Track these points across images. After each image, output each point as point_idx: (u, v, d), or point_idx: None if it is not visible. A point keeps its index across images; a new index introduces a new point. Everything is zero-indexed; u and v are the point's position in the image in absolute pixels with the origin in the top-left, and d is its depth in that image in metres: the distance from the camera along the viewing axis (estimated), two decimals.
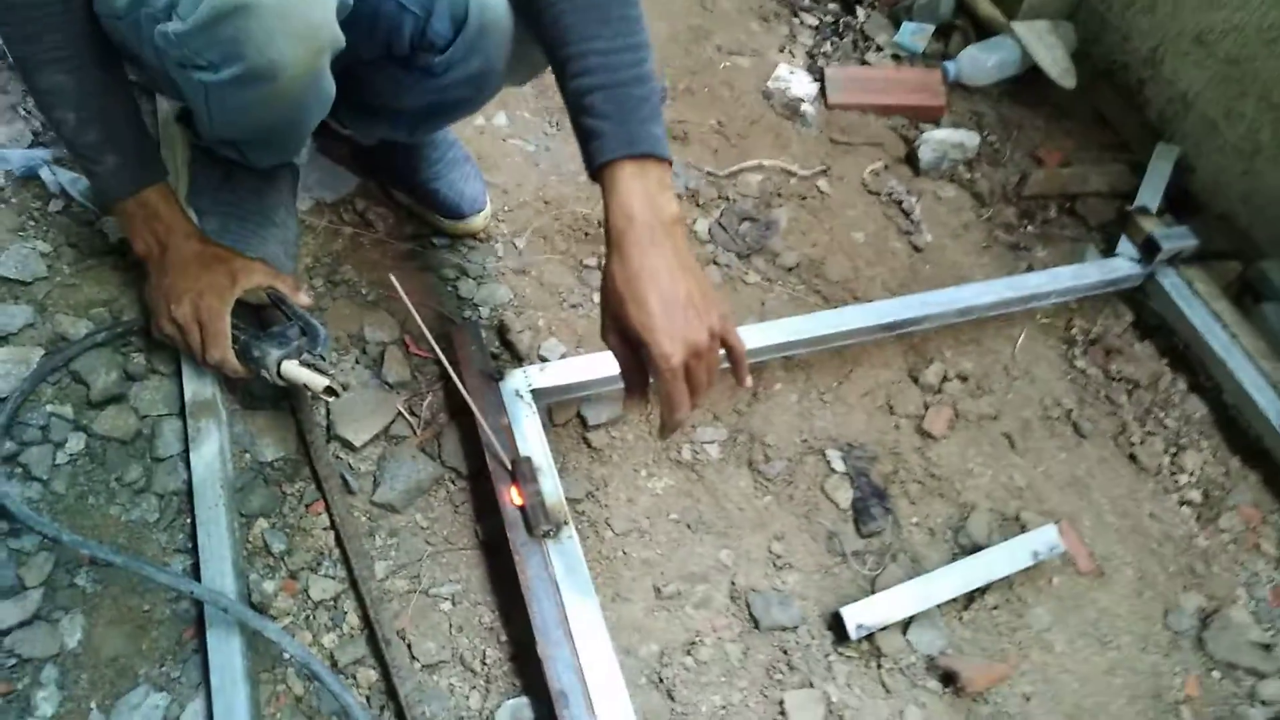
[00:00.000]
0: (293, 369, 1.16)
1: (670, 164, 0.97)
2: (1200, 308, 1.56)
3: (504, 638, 1.16)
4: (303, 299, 1.22)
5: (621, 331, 0.96)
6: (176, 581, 1.05)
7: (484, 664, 1.13)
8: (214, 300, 1.15)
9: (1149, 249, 1.60)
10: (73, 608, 1.08)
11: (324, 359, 1.20)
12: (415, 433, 1.30)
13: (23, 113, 1.47)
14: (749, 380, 1.04)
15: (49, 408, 1.19)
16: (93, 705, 1.03)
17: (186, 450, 1.18)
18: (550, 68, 1.04)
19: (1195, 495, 1.45)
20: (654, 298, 0.91)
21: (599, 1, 0.96)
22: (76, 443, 1.18)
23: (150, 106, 1.43)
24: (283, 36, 0.95)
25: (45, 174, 1.38)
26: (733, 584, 1.26)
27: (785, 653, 1.21)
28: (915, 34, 2.03)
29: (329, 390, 1.15)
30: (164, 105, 1.42)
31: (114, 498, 1.15)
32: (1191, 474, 1.47)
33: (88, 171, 1.18)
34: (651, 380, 0.97)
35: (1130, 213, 1.67)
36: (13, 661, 1.04)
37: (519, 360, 1.39)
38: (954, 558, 1.33)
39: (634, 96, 0.95)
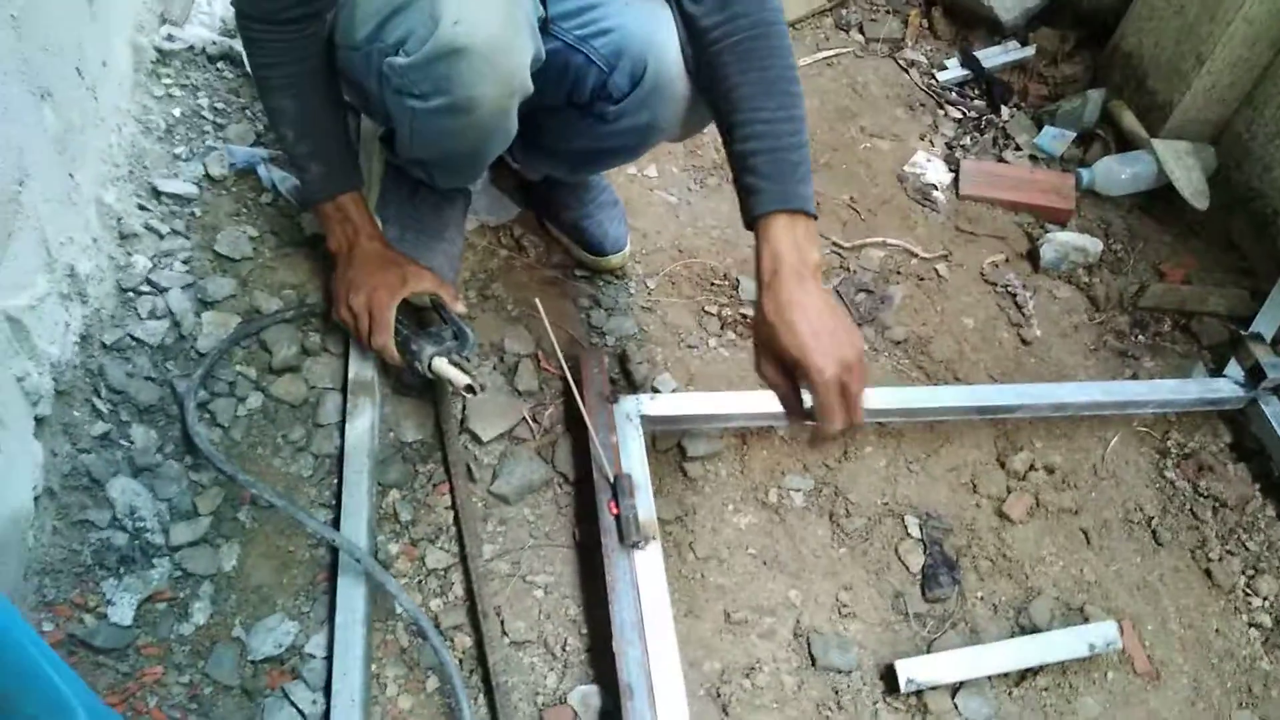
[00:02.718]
0: (442, 365, 1.34)
1: (816, 219, 1.09)
2: None
3: (584, 630, 1.29)
4: (459, 308, 1.40)
5: (776, 358, 1.07)
6: (324, 530, 1.23)
7: (564, 650, 1.27)
8: (385, 296, 1.34)
9: (1255, 375, 1.63)
10: (233, 537, 1.27)
11: (469, 360, 1.37)
12: (535, 437, 1.46)
13: (249, 115, 1.72)
14: (860, 415, 1.05)
15: (238, 368, 1.40)
16: (237, 622, 1.21)
17: (343, 421, 1.37)
18: (703, 129, 1.19)
19: (1266, 620, 1.47)
20: (804, 324, 1.03)
21: (767, 78, 1.12)
22: (255, 400, 1.38)
23: (356, 123, 1.65)
24: (485, 79, 1.14)
25: (261, 170, 1.61)
26: (797, 622, 1.36)
27: (836, 693, 1.30)
28: (1056, 138, 2.10)
29: (469, 388, 1.32)
30: (367, 123, 1.64)
31: (278, 451, 1.35)
32: (1266, 599, 1.49)
33: (298, 175, 1.40)
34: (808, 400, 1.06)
35: (1242, 337, 1.71)
36: (179, 574, 1.23)
37: (634, 388, 1.54)
38: (1012, 636, 1.39)
39: (790, 161, 1.10)
